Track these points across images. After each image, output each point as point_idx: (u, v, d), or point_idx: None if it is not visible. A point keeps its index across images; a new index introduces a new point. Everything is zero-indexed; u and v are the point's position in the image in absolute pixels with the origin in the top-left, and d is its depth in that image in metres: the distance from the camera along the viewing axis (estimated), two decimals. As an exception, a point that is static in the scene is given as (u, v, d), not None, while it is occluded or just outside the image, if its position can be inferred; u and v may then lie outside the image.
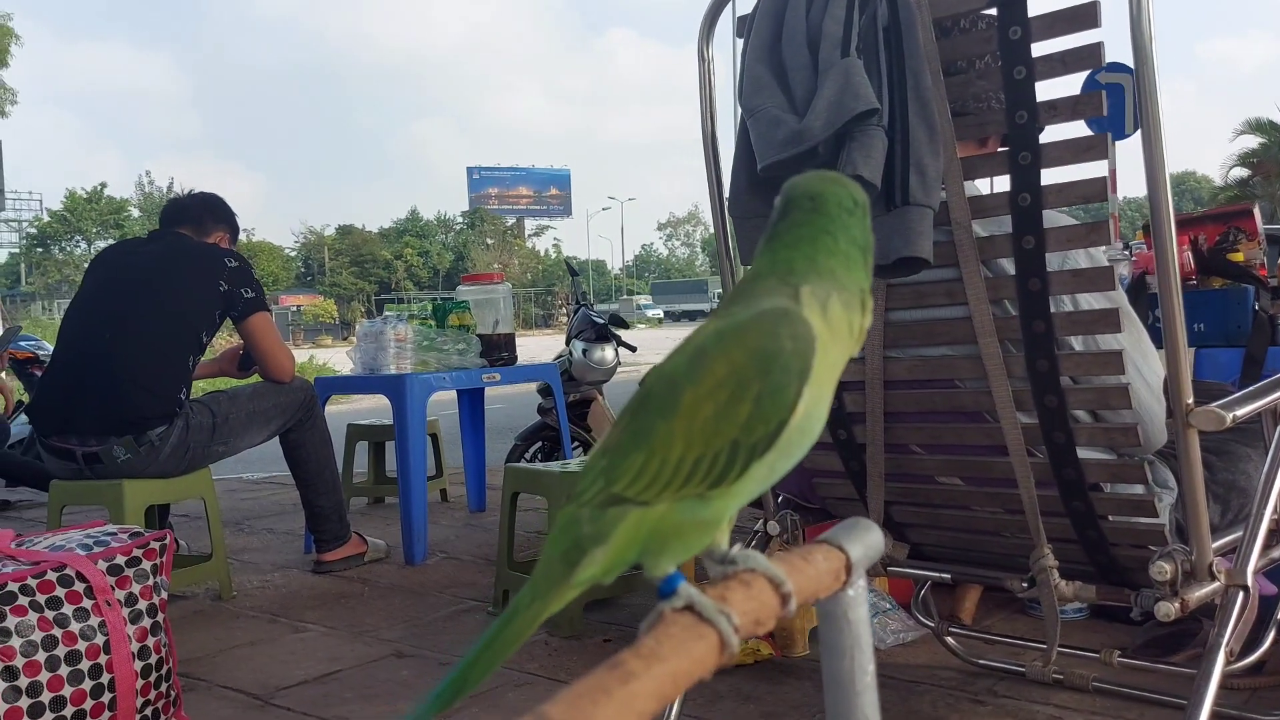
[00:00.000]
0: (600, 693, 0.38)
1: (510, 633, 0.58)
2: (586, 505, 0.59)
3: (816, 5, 1.41)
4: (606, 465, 0.59)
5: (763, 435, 0.56)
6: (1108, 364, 1.35)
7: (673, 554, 0.57)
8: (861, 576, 0.58)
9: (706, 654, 0.45)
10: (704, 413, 0.56)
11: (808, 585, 0.53)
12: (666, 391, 0.58)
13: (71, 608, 1.66)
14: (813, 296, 0.58)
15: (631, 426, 0.59)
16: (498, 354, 3.75)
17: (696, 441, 0.56)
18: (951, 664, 2.09)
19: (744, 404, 0.56)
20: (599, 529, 0.58)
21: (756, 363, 0.56)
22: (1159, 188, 1.25)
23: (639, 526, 0.57)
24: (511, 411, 7.45)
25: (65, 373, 2.79)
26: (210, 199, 3.12)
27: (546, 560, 0.60)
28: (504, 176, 69.05)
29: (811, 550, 0.56)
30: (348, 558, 3.18)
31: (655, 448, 0.57)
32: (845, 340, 0.59)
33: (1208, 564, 1.31)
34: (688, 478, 0.56)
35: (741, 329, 0.58)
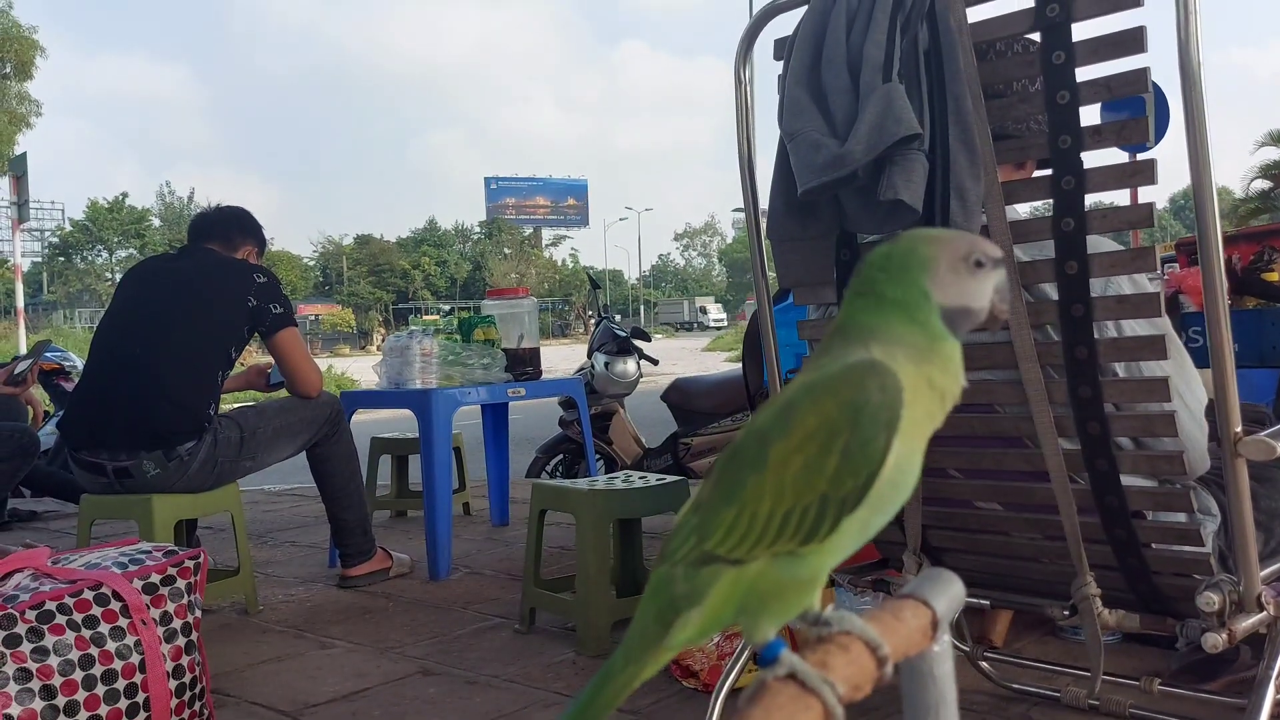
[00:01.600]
0: None
1: (604, 698, 0.57)
2: (680, 564, 0.58)
3: (857, 29, 1.40)
4: (699, 523, 0.58)
5: (852, 488, 0.55)
6: (1153, 391, 1.33)
7: (772, 616, 0.56)
8: (946, 631, 0.57)
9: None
10: (793, 466, 0.56)
11: (900, 645, 0.52)
12: (756, 446, 0.58)
13: (108, 627, 1.66)
14: (882, 351, 0.58)
15: (723, 482, 0.58)
16: (522, 368, 3.75)
17: (786, 495, 0.56)
18: (985, 688, 2.07)
19: (833, 456, 0.55)
20: (693, 588, 0.57)
21: (845, 414, 0.56)
22: (1207, 213, 1.24)
23: (735, 586, 0.56)
24: (531, 423, 7.45)
25: (96, 388, 2.81)
26: (237, 213, 3.14)
27: (641, 621, 0.59)
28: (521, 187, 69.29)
29: (900, 608, 0.56)
30: (372, 573, 3.18)
31: (746, 503, 0.56)
32: (925, 394, 0.59)
33: (1256, 594, 1.29)
34: (779, 533, 0.56)
35: (829, 381, 0.58)
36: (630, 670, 0.58)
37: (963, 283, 0.63)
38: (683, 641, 0.58)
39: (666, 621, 0.58)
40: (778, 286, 2.35)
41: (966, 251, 0.63)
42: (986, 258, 0.64)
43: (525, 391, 3.64)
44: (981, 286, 0.64)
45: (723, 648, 2.16)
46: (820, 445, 0.56)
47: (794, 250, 1.55)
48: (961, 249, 0.63)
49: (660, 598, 0.59)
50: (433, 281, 62.26)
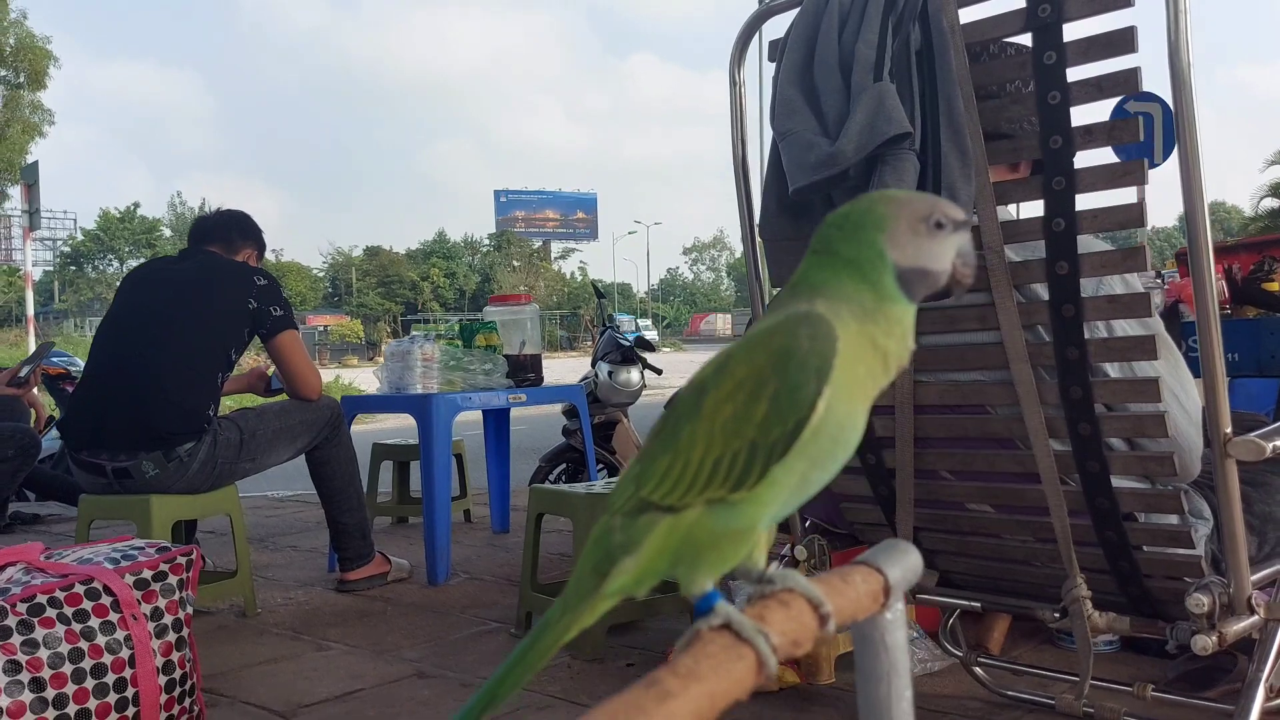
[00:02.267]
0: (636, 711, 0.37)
1: (540, 647, 0.57)
2: (618, 514, 0.59)
3: (849, 29, 1.41)
4: (639, 471, 0.59)
5: (780, 435, 0.55)
6: (1143, 391, 1.33)
7: (708, 567, 0.56)
8: (900, 600, 0.57)
9: (745, 675, 0.44)
10: (724, 414, 0.56)
11: (847, 607, 0.52)
12: (694, 396, 0.58)
13: (98, 621, 1.67)
14: (825, 306, 0.58)
15: (662, 432, 0.59)
16: (524, 375, 3.75)
17: (716, 442, 0.56)
18: (979, 695, 2.06)
19: (761, 403, 0.55)
20: (630, 537, 0.57)
21: (774, 361, 0.56)
22: (1197, 214, 1.24)
23: (670, 535, 0.57)
24: (535, 433, 7.46)
25: (96, 388, 2.82)
26: (238, 216, 3.15)
27: (579, 571, 0.59)
28: (531, 199, 69.47)
29: (850, 571, 0.55)
30: (371, 577, 3.17)
31: (680, 450, 0.57)
32: (869, 353, 0.58)
33: (1246, 597, 1.29)
34: (709, 480, 0.56)
35: (765, 332, 0.58)
36: (566, 620, 0.58)
37: (921, 243, 0.61)
38: (618, 589, 0.58)
39: (603, 571, 0.58)
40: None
41: (927, 212, 0.62)
42: (948, 219, 0.62)
43: (526, 397, 3.64)
44: (941, 248, 0.62)
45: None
46: (750, 393, 0.56)
47: (787, 250, 1.55)
48: (922, 209, 0.62)
49: (599, 548, 0.59)
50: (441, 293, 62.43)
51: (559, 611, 0.59)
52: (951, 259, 0.63)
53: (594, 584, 0.58)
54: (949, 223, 0.63)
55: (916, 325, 1.54)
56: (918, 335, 1.51)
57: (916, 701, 1.89)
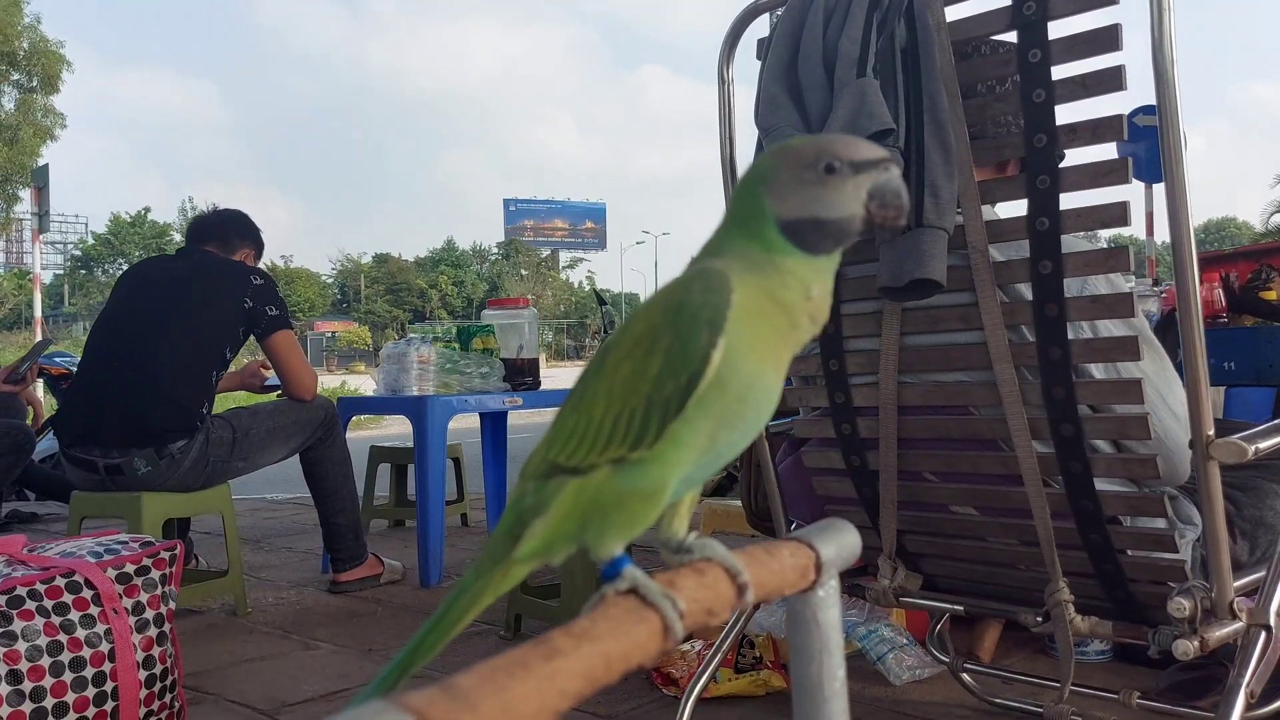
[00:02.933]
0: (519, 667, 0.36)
1: (453, 614, 0.56)
2: (531, 478, 0.58)
3: (834, 25, 1.40)
4: (549, 435, 0.58)
5: (674, 390, 0.54)
6: (1126, 392, 1.32)
7: (616, 529, 0.55)
8: (833, 578, 0.55)
9: (647, 638, 0.43)
10: (623, 371, 0.56)
11: (770, 579, 0.51)
12: (599, 357, 0.58)
13: (78, 614, 1.66)
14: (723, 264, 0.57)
15: (572, 394, 0.59)
16: (521, 378, 3.75)
17: (615, 399, 0.55)
18: (967, 702, 2.04)
19: (655, 358, 0.54)
20: (539, 500, 0.57)
21: (666, 315, 0.55)
22: (1180, 213, 1.23)
23: (578, 497, 0.56)
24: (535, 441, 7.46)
25: (90, 385, 2.82)
26: (235, 216, 3.16)
27: (492, 539, 0.59)
28: (539, 209, 69.61)
29: (778, 545, 0.54)
30: (363, 578, 3.17)
31: (583, 409, 0.56)
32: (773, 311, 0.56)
33: (1229, 602, 1.27)
34: (609, 438, 0.55)
35: (664, 289, 0.57)
36: (479, 585, 0.57)
37: (807, 191, 0.58)
38: (529, 553, 0.57)
39: (515, 535, 0.57)
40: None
41: (813, 157, 0.58)
42: (842, 161, 0.58)
43: (522, 401, 3.64)
44: (835, 194, 0.58)
45: (704, 655, 2.14)
46: (645, 348, 0.55)
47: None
48: (807, 154, 0.58)
49: (512, 513, 0.58)
50: (449, 301, 62.54)
51: (472, 577, 0.58)
52: (858, 203, 0.58)
53: (506, 548, 0.57)
54: (843, 165, 0.58)
55: (901, 326, 1.53)
56: (902, 336, 1.51)
57: (905, 709, 1.88)
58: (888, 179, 0.59)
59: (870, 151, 0.59)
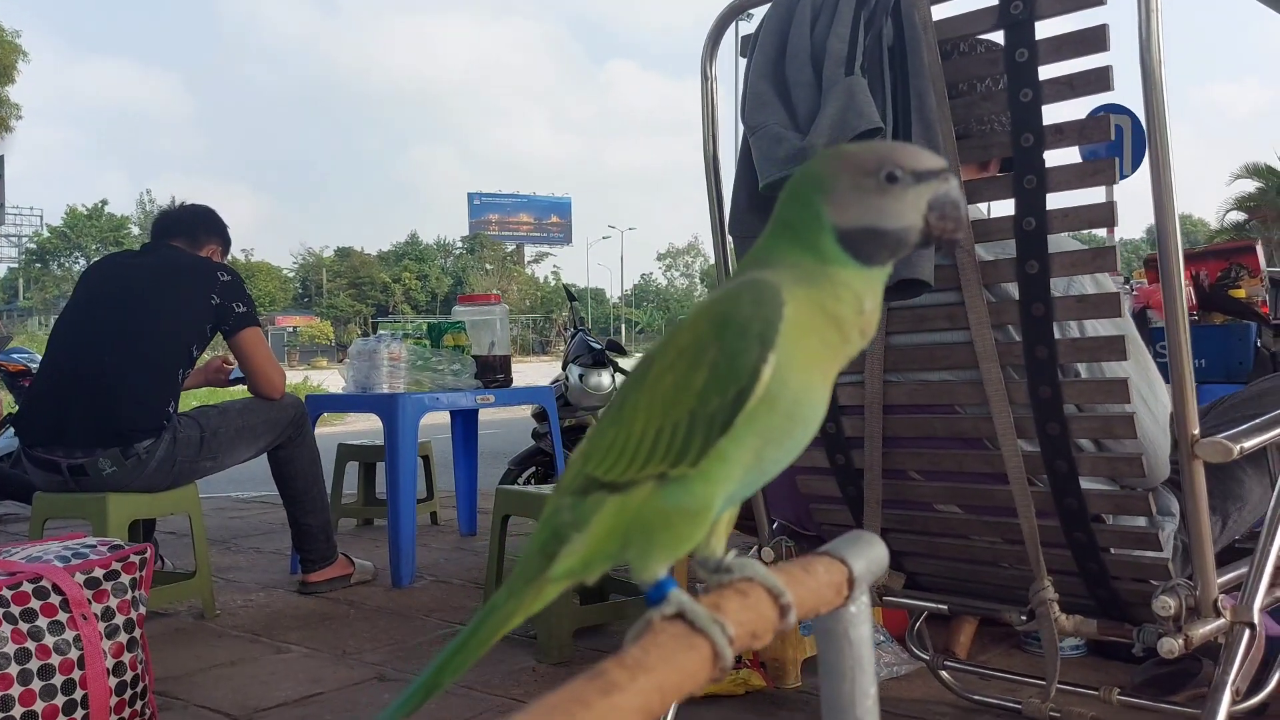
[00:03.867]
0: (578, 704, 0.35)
1: (484, 632, 0.54)
2: (567, 493, 0.56)
3: (821, 23, 1.39)
4: (586, 448, 0.56)
5: (719, 405, 0.52)
6: (1112, 392, 1.32)
7: (660, 550, 0.53)
8: (865, 593, 0.54)
9: (697, 666, 0.42)
10: (665, 384, 0.53)
11: (808, 598, 0.50)
12: (641, 368, 0.56)
13: (46, 620, 1.62)
14: (774, 275, 0.55)
15: (611, 406, 0.57)
16: (493, 376, 3.72)
17: (656, 413, 0.53)
18: (946, 699, 2.05)
19: (700, 371, 0.52)
20: (577, 516, 0.55)
21: (714, 327, 0.53)
22: (1166, 212, 1.23)
23: (619, 514, 0.54)
24: (506, 437, 7.41)
25: (53, 383, 2.76)
26: (202, 211, 3.10)
27: (526, 554, 0.57)
28: (505, 203, 69.28)
29: (812, 562, 0.53)
30: (334, 579, 3.13)
31: (623, 423, 0.54)
32: (824, 325, 0.54)
33: (1213, 600, 1.28)
34: (650, 454, 0.53)
35: (710, 300, 0.55)
36: (512, 604, 0.56)
37: (868, 201, 0.56)
38: (565, 572, 0.55)
39: (550, 553, 0.55)
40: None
41: (875, 165, 0.56)
42: (904, 170, 0.56)
43: (494, 398, 3.61)
44: (896, 204, 0.56)
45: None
46: (690, 361, 0.53)
47: (756, 247, 1.53)
48: (868, 162, 0.56)
49: (546, 529, 0.56)
50: (413, 296, 62.10)
51: (504, 595, 0.56)
52: (918, 213, 0.57)
53: (541, 566, 0.55)
54: (905, 174, 0.56)
55: (887, 325, 1.52)
56: (888, 335, 1.50)
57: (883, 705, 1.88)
58: (947, 190, 0.58)
59: (931, 161, 0.58)
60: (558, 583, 0.56)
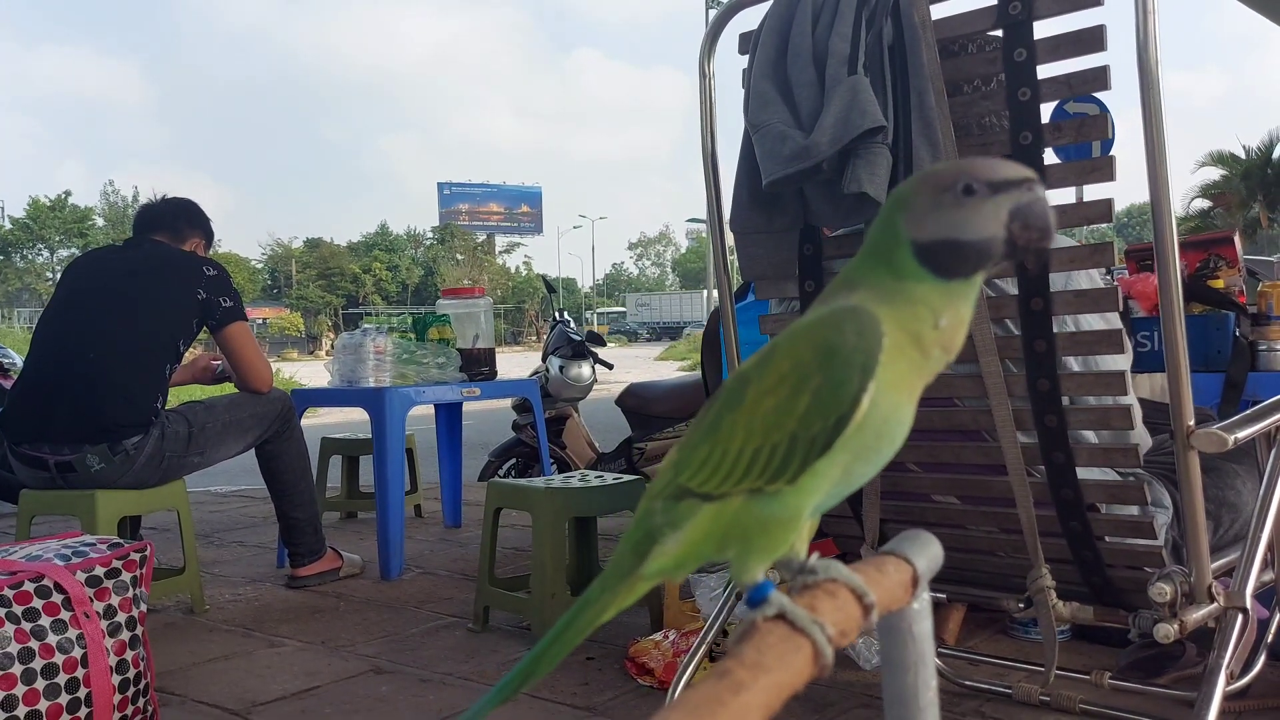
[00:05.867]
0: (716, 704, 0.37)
1: (579, 625, 0.58)
2: (659, 498, 0.59)
3: (823, 22, 1.41)
4: (677, 459, 0.59)
5: (821, 430, 0.55)
6: (1110, 384, 1.35)
7: (758, 554, 0.56)
8: (925, 590, 0.57)
9: (804, 665, 0.44)
10: (765, 406, 0.56)
11: (883, 597, 0.52)
12: (736, 387, 0.58)
13: (49, 619, 1.62)
14: (872, 299, 0.57)
15: (704, 422, 0.59)
16: (478, 368, 3.72)
17: (756, 433, 0.56)
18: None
19: (803, 397, 0.55)
20: (670, 520, 0.58)
21: (817, 356, 0.55)
22: (1162, 210, 1.26)
23: (714, 521, 0.57)
24: (484, 428, 7.40)
25: (39, 380, 2.74)
26: (185, 205, 3.08)
27: (619, 553, 0.60)
28: (475, 193, 68.91)
29: (883, 562, 0.56)
30: (322, 573, 3.13)
31: (719, 439, 0.57)
32: (909, 345, 0.57)
33: (1207, 586, 1.32)
34: (746, 470, 0.56)
35: (809, 326, 0.57)
36: (605, 599, 0.59)
37: (945, 214, 0.57)
38: (657, 570, 0.58)
39: (642, 552, 0.58)
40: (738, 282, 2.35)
41: (951, 180, 0.57)
42: (980, 182, 0.57)
43: (480, 391, 3.61)
44: (973, 216, 0.57)
45: (678, 645, 2.16)
46: (792, 387, 0.55)
47: (758, 243, 1.55)
48: (945, 178, 0.58)
49: (640, 530, 0.59)
50: (384, 286, 61.66)
51: (598, 590, 0.60)
52: (999, 224, 0.57)
53: (633, 564, 0.59)
54: (982, 186, 0.57)
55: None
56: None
57: (875, 692, 1.91)
58: (1032, 199, 0.58)
59: (1012, 171, 0.58)
60: (649, 580, 0.59)
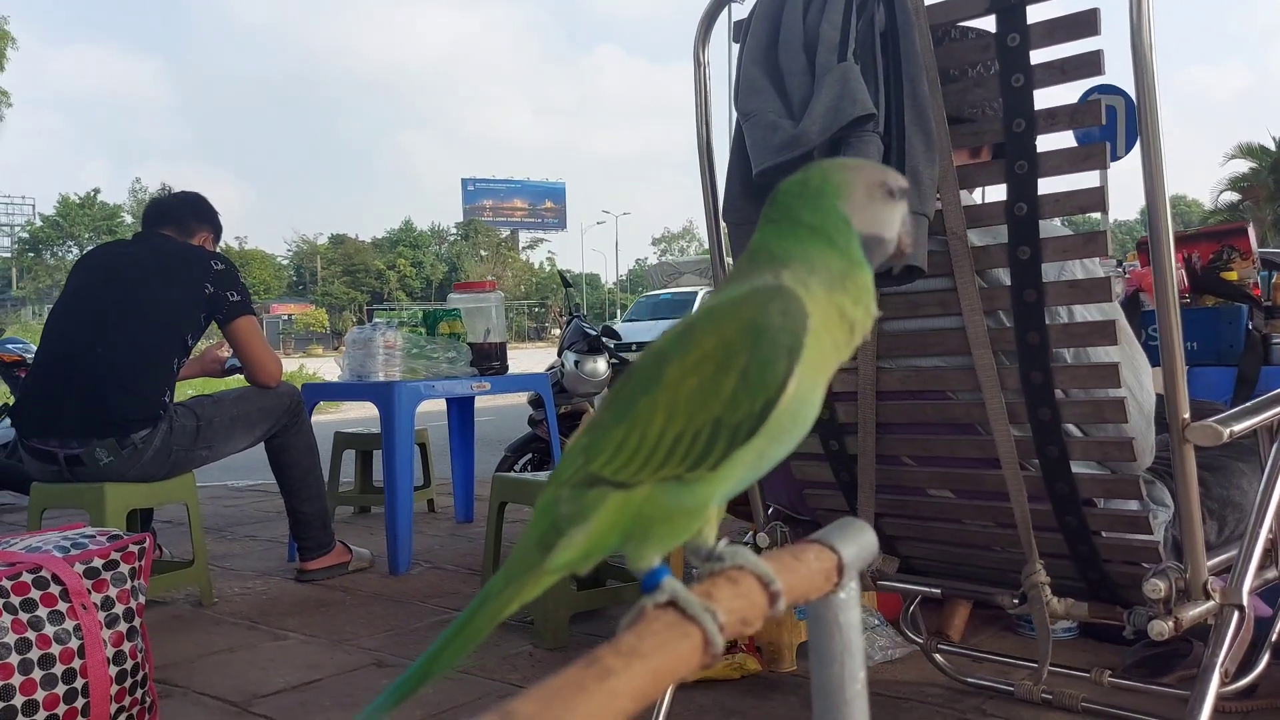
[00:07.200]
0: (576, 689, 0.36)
1: (479, 621, 0.55)
2: (565, 486, 0.56)
3: (814, 9, 1.39)
4: (587, 443, 0.56)
5: (747, 414, 0.53)
6: (1103, 377, 1.33)
7: (657, 543, 0.54)
8: (854, 579, 0.55)
9: (690, 653, 0.43)
10: (687, 387, 0.54)
11: (798, 585, 0.51)
12: (652, 366, 0.56)
13: (46, 610, 1.63)
14: (791, 277, 0.56)
15: (615, 403, 0.57)
16: (488, 363, 3.72)
17: (678, 417, 0.53)
18: (939, 681, 2.06)
19: (729, 378, 0.53)
20: (578, 510, 0.55)
21: (744, 336, 0.54)
22: (1157, 197, 1.24)
23: (621, 511, 0.54)
24: (502, 424, 7.42)
25: (49, 374, 2.76)
26: (193, 198, 3.09)
27: (523, 544, 0.57)
28: (499, 189, 69.09)
29: (802, 549, 0.54)
30: (331, 567, 3.14)
31: (636, 423, 0.54)
32: (835, 325, 0.56)
33: (1203, 582, 1.29)
34: (666, 457, 0.53)
35: (732, 304, 0.56)
36: (508, 592, 0.56)
37: (876, 210, 0.62)
38: (564, 564, 0.56)
39: (548, 544, 0.56)
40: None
41: (880, 179, 0.62)
42: (897, 188, 0.63)
43: (490, 386, 3.62)
44: (892, 216, 0.62)
45: (679, 640, 2.15)
46: (717, 366, 0.53)
47: (750, 234, 1.53)
48: (876, 176, 0.62)
49: (544, 520, 0.57)
50: (408, 282, 61.98)
51: (500, 583, 0.57)
52: (899, 227, 0.63)
53: (539, 557, 0.56)
54: (898, 191, 0.63)
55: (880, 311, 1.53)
56: (880, 322, 1.51)
57: (878, 689, 1.89)
58: (908, 210, 0.65)
59: (905, 183, 0.64)
60: (555, 573, 0.56)
